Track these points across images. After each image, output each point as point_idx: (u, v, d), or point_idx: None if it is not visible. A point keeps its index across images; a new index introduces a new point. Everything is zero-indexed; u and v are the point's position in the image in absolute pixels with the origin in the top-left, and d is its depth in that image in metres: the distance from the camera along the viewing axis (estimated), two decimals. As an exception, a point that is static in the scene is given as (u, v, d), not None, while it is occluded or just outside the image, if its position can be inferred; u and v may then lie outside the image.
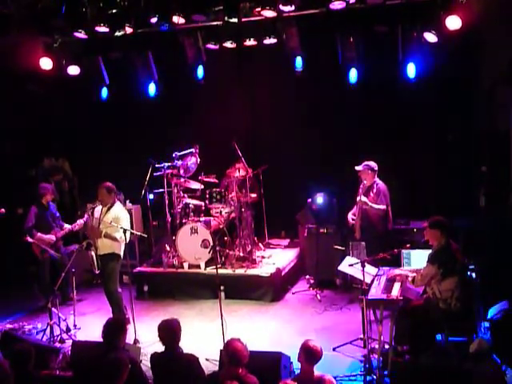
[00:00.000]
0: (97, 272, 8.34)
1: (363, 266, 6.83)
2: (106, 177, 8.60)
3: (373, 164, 8.80)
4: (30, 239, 8.94)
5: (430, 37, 8.21)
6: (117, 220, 8.09)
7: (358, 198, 8.81)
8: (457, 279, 6.61)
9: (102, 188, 8.26)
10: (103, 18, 8.51)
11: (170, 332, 5.80)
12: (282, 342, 7.50)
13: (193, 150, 10.12)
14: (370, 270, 7.27)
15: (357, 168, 8.81)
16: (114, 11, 8.48)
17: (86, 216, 8.60)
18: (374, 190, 8.79)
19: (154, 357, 5.92)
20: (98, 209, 8.32)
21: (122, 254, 8.30)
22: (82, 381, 5.79)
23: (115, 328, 5.91)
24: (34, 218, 9.07)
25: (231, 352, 5.37)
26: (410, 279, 6.88)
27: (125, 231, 7.93)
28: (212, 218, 10.04)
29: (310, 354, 5.39)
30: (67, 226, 9.17)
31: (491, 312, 7.10)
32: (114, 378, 5.09)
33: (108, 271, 8.26)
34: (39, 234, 9.06)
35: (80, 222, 8.82)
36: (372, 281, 7.08)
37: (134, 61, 9.82)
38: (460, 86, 9.64)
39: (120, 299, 8.33)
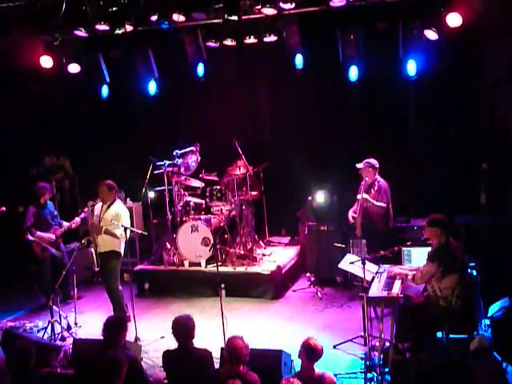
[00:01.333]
0: (96, 269, 8.35)
1: (364, 264, 6.84)
2: (106, 175, 8.60)
3: (374, 161, 8.79)
4: (31, 237, 8.96)
5: (431, 34, 8.21)
6: (117, 218, 8.10)
7: (358, 196, 8.81)
8: (457, 277, 6.61)
9: (103, 185, 8.27)
10: (103, 16, 8.50)
11: (183, 328, 5.82)
12: (283, 339, 7.51)
13: (193, 147, 10.11)
14: (371, 267, 7.27)
15: (358, 165, 8.81)
16: (114, 9, 8.47)
17: (83, 213, 8.60)
18: (376, 188, 8.78)
19: (167, 354, 5.93)
20: (98, 206, 8.33)
21: (122, 251, 8.30)
22: (83, 379, 5.79)
23: (115, 326, 5.91)
24: (33, 217, 9.08)
25: (231, 349, 5.39)
26: (409, 277, 6.89)
27: (125, 229, 7.94)
28: (212, 216, 10.04)
29: (310, 352, 5.40)
30: (66, 224, 9.17)
31: (492, 309, 7.11)
32: (112, 377, 5.08)
33: (109, 269, 8.26)
34: (38, 232, 9.07)
35: (78, 219, 8.83)
36: (372, 278, 7.08)
37: (135, 59, 9.82)
38: (461, 83, 9.63)
39: (121, 297, 8.34)
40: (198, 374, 5.59)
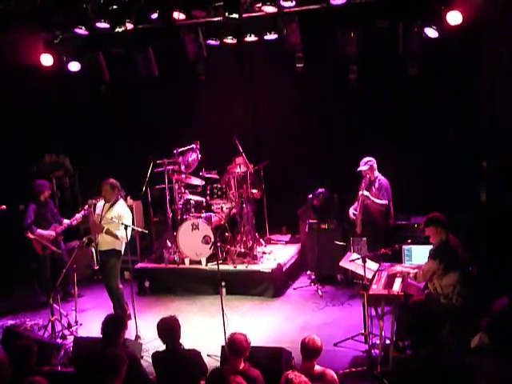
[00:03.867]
0: (96, 267, 8.33)
1: (364, 262, 6.85)
2: (106, 173, 8.58)
3: (369, 159, 8.77)
4: (31, 235, 8.96)
5: (431, 32, 8.20)
6: (119, 218, 8.08)
7: (359, 193, 8.81)
8: (458, 274, 6.62)
9: (106, 184, 8.24)
10: (104, 14, 8.52)
11: (169, 330, 5.80)
12: (284, 337, 7.53)
13: (193, 145, 10.11)
14: (371, 265, 7.28)
15: (359, 169, 8.79)
16: (114, 7, 8.49)
17: (83, 210, 8.58)
18: (376, 185, 8.79)
19: (156, 356, 5.91)
20: (100, 204, 8.31)
21: (122, 250, 8.30)
22: (84, 377, 5.79)
23: (114, 324, 5.92)
24: (33, 214, 9.08)
25: (231, 343, 5.44)
26: (411, 275, 6.89)
27: (126, 227, 7.92)
28: (213, 214, 10.04)
29: (309, 349, 5.43)
30: (66, 221, 9.16)
31: (492, 307, 7.10)
32: (112, 375, 5.06)
33: (109, 267, 8.26)
34: (39, 230, 9.07)
35: (78, 216, 8.79)
36: (373, 276, 7.10)
37: (135, 57, 9.81)
38: (461, 81, 9.62)
39: (121, 295, 8.34)
40: (188, 375, 5.60)
